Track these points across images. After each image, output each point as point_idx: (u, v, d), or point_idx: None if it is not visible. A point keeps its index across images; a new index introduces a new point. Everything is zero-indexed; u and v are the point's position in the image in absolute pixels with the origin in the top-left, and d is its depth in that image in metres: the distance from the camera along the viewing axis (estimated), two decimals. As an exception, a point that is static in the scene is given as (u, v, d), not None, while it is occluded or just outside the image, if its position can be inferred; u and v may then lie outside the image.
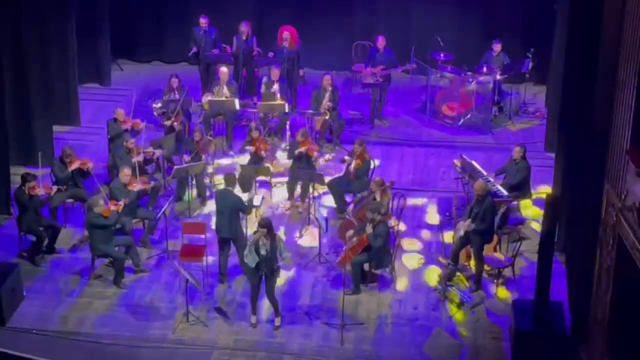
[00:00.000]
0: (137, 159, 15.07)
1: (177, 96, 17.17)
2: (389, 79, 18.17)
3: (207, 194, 15.68)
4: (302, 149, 15.37)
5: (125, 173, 14.44)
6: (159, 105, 17.10)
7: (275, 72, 17.45)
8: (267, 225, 12.57)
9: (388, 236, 13.57)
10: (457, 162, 15.64)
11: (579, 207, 12.42)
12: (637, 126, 10.67)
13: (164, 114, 16.87)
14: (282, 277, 13.61)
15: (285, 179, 15.85)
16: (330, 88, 17.18)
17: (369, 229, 13.37)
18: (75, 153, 15.13)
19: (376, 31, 18.90)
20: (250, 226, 14.34)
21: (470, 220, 13.55)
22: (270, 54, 18.23)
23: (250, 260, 12.62)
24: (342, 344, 12.74)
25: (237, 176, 14.53)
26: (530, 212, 15.37)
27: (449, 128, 18.15)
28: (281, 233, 12.93)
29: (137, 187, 14.47)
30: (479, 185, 13.72)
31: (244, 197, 14.56)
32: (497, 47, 18.12)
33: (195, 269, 13.77)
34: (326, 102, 17.06)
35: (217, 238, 13.76)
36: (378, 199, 14.11)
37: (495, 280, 13.71)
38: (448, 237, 14.52)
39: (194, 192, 15.59)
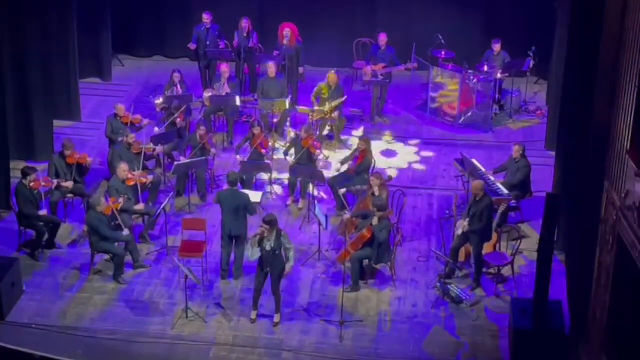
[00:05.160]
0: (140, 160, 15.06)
1: (179, 91, 17.16)
2: (390, 76, 18.17)
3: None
4: (304, 145, 15.36)
5: (122, 168, 14.45)
6: (161, 100, 17.09)
7: (271, 66, 17.38)
8: (270, 222, 12.59)
9: (390, 231, 13.60)
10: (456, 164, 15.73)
11: (579, 206, 12.42)
12: (637, 126, 10.67)
13: (166, 109, 16.86)
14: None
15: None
16: (334, 86, 17.17)
17: (375, 220, 13.37)
18: (74, 146, 15.14)
19: (377, 28, 18.87)
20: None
21: (467, 220, 13.57)
22: (275, 53, 18.19)
23: (251, 254, 12.69)
24: (341, 341, 12.76)
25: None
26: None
27: (450, 126, 18.15)
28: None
29: (135, 181, 14.46)
30: (477, 185, 13.72)
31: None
32: (496, 46, 18.11)
33: (194, 264, 13.79)
34: (332, 103, 16.99)
35: (222, 234, 13.76)
36: (377, 193, 14.12)
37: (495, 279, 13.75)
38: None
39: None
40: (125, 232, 13.71)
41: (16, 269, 13.34)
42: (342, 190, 15.04)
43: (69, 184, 14.80)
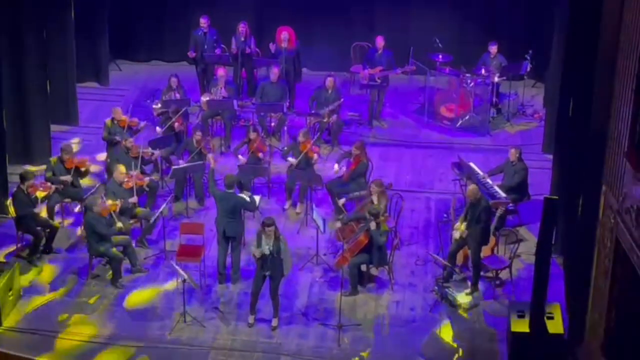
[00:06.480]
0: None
1: (177, 96, 17.17)
2: (387, 80, 18.18)
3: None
4: (302, 150, 15.36)
5: (119, 171, 14.45)
6: (159, 105, 17.10)
7: (275, 72, 17.44)
8: (269, 225, 12.59)
9: (388, 235, 13.60)
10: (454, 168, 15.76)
11: (577, 209, 12.43)
12: (635, 129, 10.68)
13: (164, 113, 16.87)
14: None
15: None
16: (330, 91, 17.17)
17: (373, 225, 13.37)
18: (73, 151, 15.14)
19: (375, 32, 18.90)
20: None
21: (465, 224, 13.56)
22: (271, 45, 18.20)
23: (259, 252, 12.69)
24: (339, 345, 12.75)
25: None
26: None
27: (447, 129, 18.16)
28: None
29: (132, 183, 14.44)
30: (471, 190, 13.71)
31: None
32: (493, 49, 18.14)
33: (192, 269, 13.78)
34: (331, 108, 16.99)
35: (218, 237, 13.76)
36: (376, 201, 14.11)
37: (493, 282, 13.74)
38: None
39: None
40: (119, 225, 13.64)
41: (14, 274, 13.32)
42: (342, 201, 15.00)
43: (68, 177, 14.77)
